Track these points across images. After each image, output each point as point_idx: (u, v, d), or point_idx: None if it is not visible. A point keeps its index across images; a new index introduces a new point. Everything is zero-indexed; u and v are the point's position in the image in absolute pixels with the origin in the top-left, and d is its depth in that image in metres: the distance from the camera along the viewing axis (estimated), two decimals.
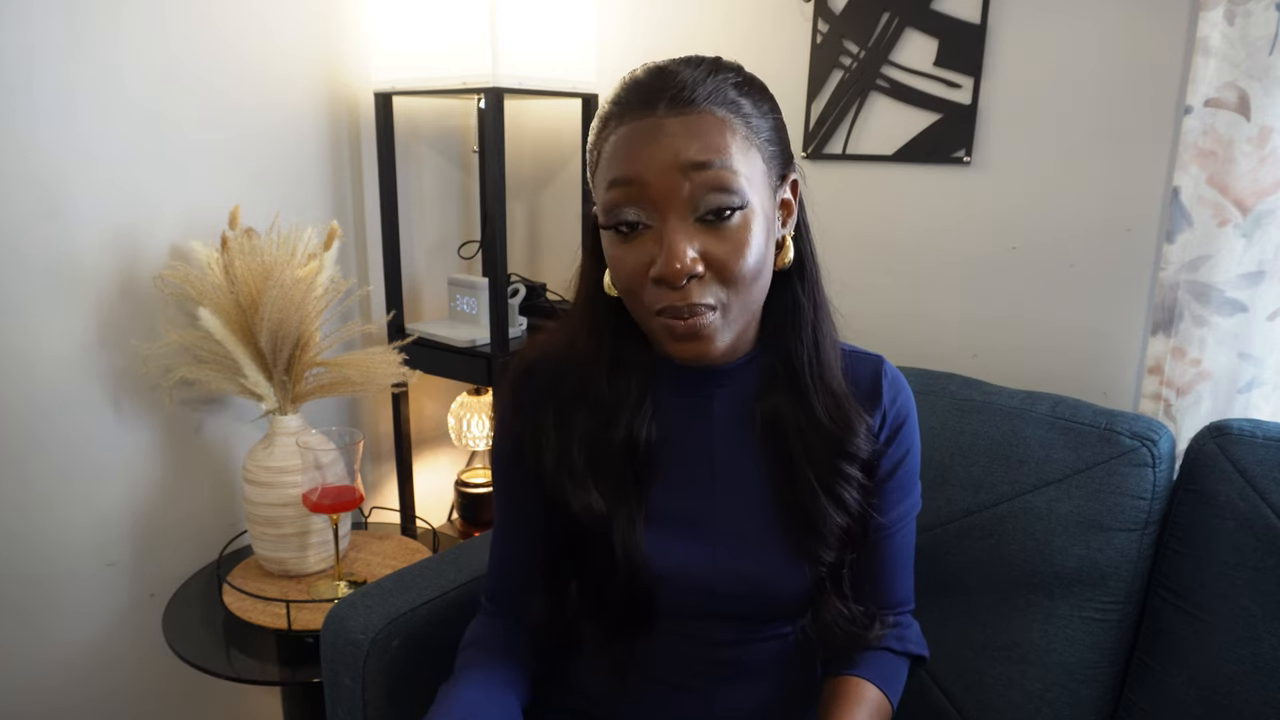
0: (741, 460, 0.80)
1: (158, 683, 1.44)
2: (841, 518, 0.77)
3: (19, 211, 1.18)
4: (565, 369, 0.80)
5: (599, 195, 0.70)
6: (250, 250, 1.26)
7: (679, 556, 0.78)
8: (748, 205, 0.67)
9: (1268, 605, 0.89)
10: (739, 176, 0.66)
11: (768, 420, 0.78)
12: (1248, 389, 1.06)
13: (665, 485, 0.79)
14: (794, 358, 0.77)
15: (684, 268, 0.65)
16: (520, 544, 0.87)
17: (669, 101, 0.66)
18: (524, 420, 0.81)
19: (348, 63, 1.54)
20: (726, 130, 0.66)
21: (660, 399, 0.80)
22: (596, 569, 0.78)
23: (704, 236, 0.67)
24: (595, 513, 0.76)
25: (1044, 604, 1.00)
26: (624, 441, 0.77)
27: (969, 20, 1.22)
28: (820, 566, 0.77)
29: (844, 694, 0.80)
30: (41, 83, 1.17)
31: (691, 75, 0.67)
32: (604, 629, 0.80)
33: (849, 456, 0.77)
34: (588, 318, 0.79)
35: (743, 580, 0.78)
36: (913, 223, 1.33)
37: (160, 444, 1.39)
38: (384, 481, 1.78)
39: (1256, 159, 1.00)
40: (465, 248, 1.81)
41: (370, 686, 0.98)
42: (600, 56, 1.59)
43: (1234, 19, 0.99)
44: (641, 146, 0.66)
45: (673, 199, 0.66)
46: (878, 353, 0.85)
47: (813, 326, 0.77)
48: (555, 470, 0.78)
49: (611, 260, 0.71)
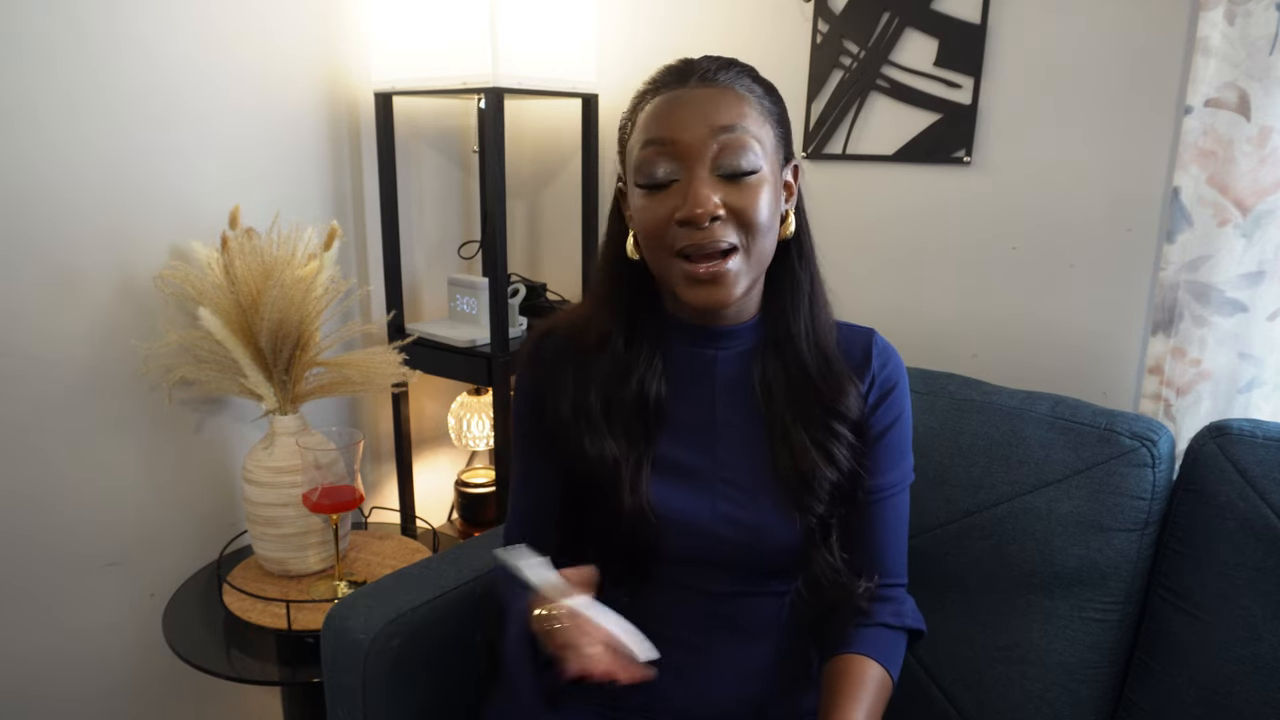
0: (740, 416, 0.86)
1: (158, 683, 1.44)
2: (832, 473, 0.83)
3: (19, 211, 1.18)
4: (583, 329, 0.88)
5: (633, 157, 0.79)
6: (250, 250, 1.26)
7: (681, 502, 0.84)
8: (762, 169, 0.76)
9: (1268, 605, 0.89)
10: (757, 142, 0.76)
11: (765, 380, 0.86)
12: (1248, 389, 1.06)
13: (671, 437, 0.86)
14: (791, 324, 0.85)
15: (707, 209, 0.74)
16: (539, 497, 0.93)
17: (699, 77, 0.77)
18: (542, 377, 0.89)
19: (348, 63, 1.54)
20: (745, 103, 0.77)
21: (669, 357, 0.87)
22: (604, 516, 0.84)
23: (725, 188, 0.76)
24: (608, 458, 0.83)
25: (1044, 604, 1.00)
26: (636, 395, 0.85)
27: (969, 20, 1.22)
28: (811, 517, 0.83)
29: (846, 672, 0.82)
30: (42, 82, 1.17)
31: (717, 63, 0.79)
32: (610, 574, 0.84)
33: (839, 415, 0.84)
34: (608, 280, 0.88)
35: (740, 528, 0.83)
36: (913, 223, 1.33)
37: (160, 444, 1.39)
38: (384, 481, 1.78)
39: (1256, 159, 1.00)
40: (465, 248, 1.81)
41: (370, 686, 0.98)
42: (600, 56, 1.59)
43: (1234, 19, 0.99)
44: (674, 110, 0.76)
45: (700, 155, 0.75)
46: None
47: (809, 298, 0.86)
48: (573, 419, 0.85)
49: (640, 212, 0.79)
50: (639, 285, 0.86)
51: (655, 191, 0.77)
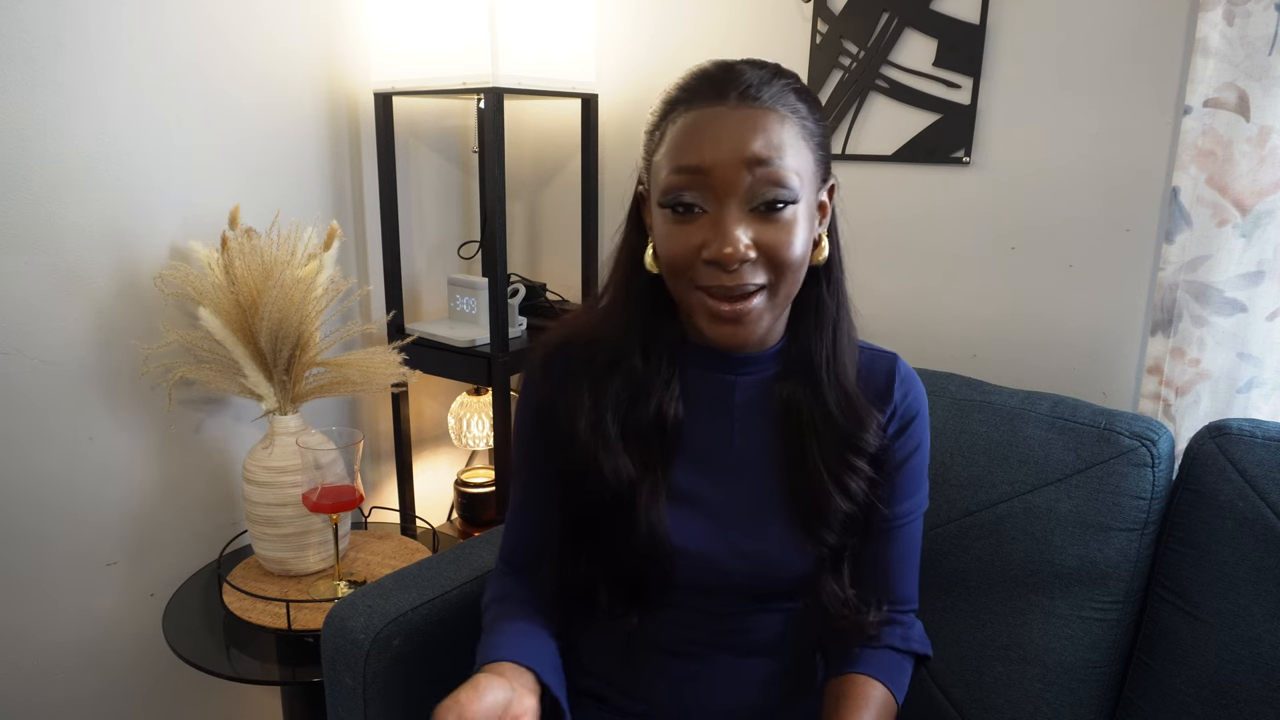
0: (757, 445, 0.83)
1: (158, 683, 1.44)
2: (847, 505, 0.80)
3: (19, 211, 1.18)
4: (598, 343, 0.83)
5: (660, 176, 0.73)
6: (250, 250, 1.26)
7: (695, 533, 0.81)
8: (799, 200, 0.71)
9: (1268, 605, 0.89)
10: (794, 174, 0.71)
11: (783, 409, 0.82)
12: (1247, 389, 1.06)
13: (685, 462, 0.83)
14: (814, 354, 0.81)
15: (738, 253, 0.69)
16: (541, 512, 0.89)
17: (739, 95, 0.70)
18: (555, 390, 0.84)
19: (348, 63, 1.54)
20: (786, 129, 0.71)
21: (686, 379, 0.84)
22: (614, 538, 0.81)
23: (757, 225, 0.71)
24: (624, 479, 0.79)
25: (1044, 604, 1.00)
26: (653, 418, 0.81)
27: (969, 20, 1.22)
28: (823, 547, 0.81)
29: (849, 693, 0.81)
30: (42, 82, 1.17)
31: (758, 75, 0.72)
32: (618, 598, 0.82)
33: (858, 450, 0.81)
34: (625, 292, 0.83)
35: (752, 559, 0.81)
36: (912, 223, 1.33)
37: (160, 444, 1.39)
38: (384, 481, 1.78)
39: (1256, 159, 1.00)
40: (465, 248, 1.81)
41: (371, 686, 0.98)
42: (600, 56, 1.59)
43: (1234, 19, 0.99)
44: (709, 135, 0.70)
45: (733, 189, 0.70)
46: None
47: (834, 325, 0.82)
48: (590, 437, 0.80)
49: (665, 238, 0.74)
50: (657, 298, 0.81)
51: (682, 221, 0.72)
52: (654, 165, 0.75)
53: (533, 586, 0.90)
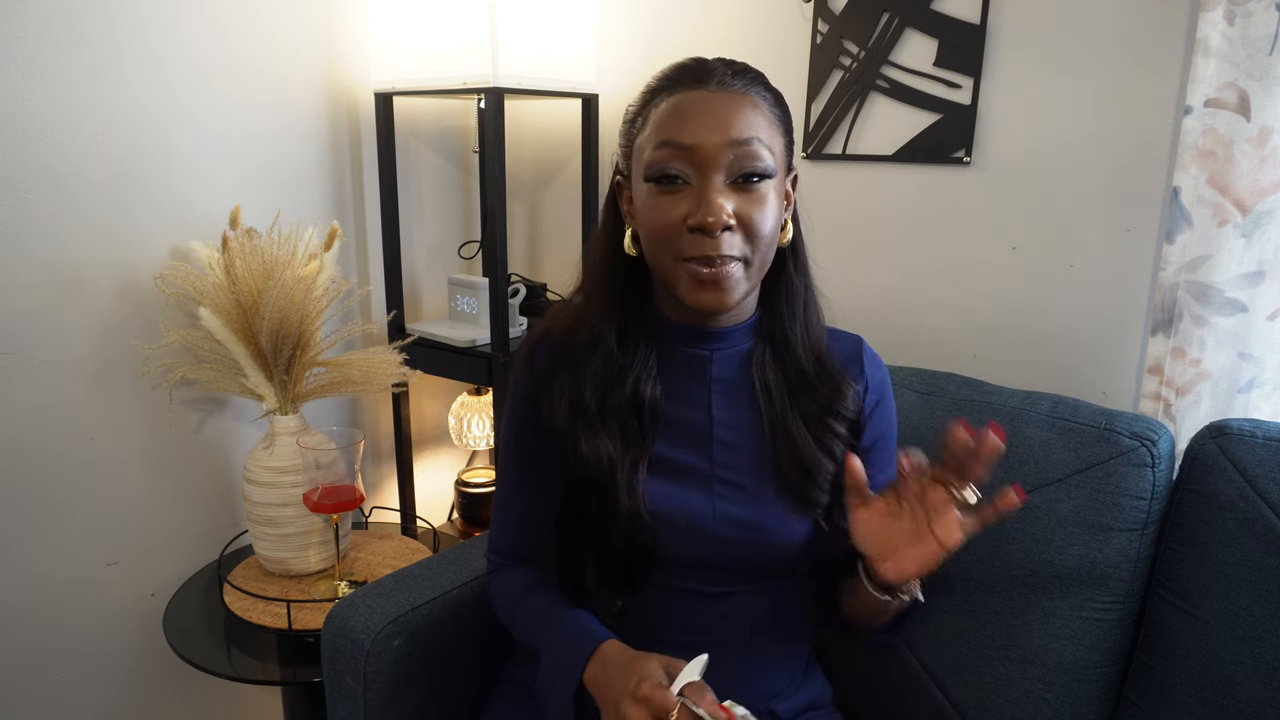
0: (736, 416, 0.87)
1: (158, 683, 1.44)
2: (831, 465, 0.85)
3: (19, 211, 1.18)
4: (575, 327, 0.88)
5: (645, 154, 0.79)
6: (251, 250, 1.26)
7: (679, 503, 0.84)
8: (773, 176, 0.78)
9: (1268, 605, 0.89)
10: (769, 153, 0.78)
11: (764, 380, 0.87)
12: (1247, 389, 1.06)
13: (667, 438, 0.86)
14: (788, 329, 0.87)
15: (719, 219, 0.75)
16: (532, 501, 0.93)
17: (718, 82, 0.78)
18: (539, 379, 0.88)
19: (348, 63, 1.54)
20: (760, 113, 0.78)
21: (663, 357, 0.88)
22: (601, 519, 0.84)
23: (736, 197, 0.77)
24: (604, 458, 0.83)
25: (1044, 604, 1.00)
26: (630, 396, 0.85)
27: (969, 20, 1.22)
28: (817, 509, 0.85)
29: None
30: (42, 83, 1.17)
31: (733, 68, 0.80)
32: (608, 577, 0.85)
33: (836, 414, 0.87)
34: (603, 275, 0.88)
35: (741, 527, 0.84)
36: (913, 223, 1.33)
37: (160, 444, 1.39)
38: (384, 481, 1.78)
39: (1256, 159, 1.00)
40: (465, 248, 1.81)
41: (371, 686, 0.98)
42: (600, 56, 1.59)
43: (1234, 19, 0.99)
44: (694, 113, 0.77)
45: (716, 163, 0.76)
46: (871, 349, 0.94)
47: (803, 302, 0.88)
48: (569, 420, 0.85)
49: (650, 210, 0.79)
50: (633, 282, 0.87)
51: (667, 193, 0.78)
52: (636, 148, 0.81)
53: (536, 574, 0.93)
